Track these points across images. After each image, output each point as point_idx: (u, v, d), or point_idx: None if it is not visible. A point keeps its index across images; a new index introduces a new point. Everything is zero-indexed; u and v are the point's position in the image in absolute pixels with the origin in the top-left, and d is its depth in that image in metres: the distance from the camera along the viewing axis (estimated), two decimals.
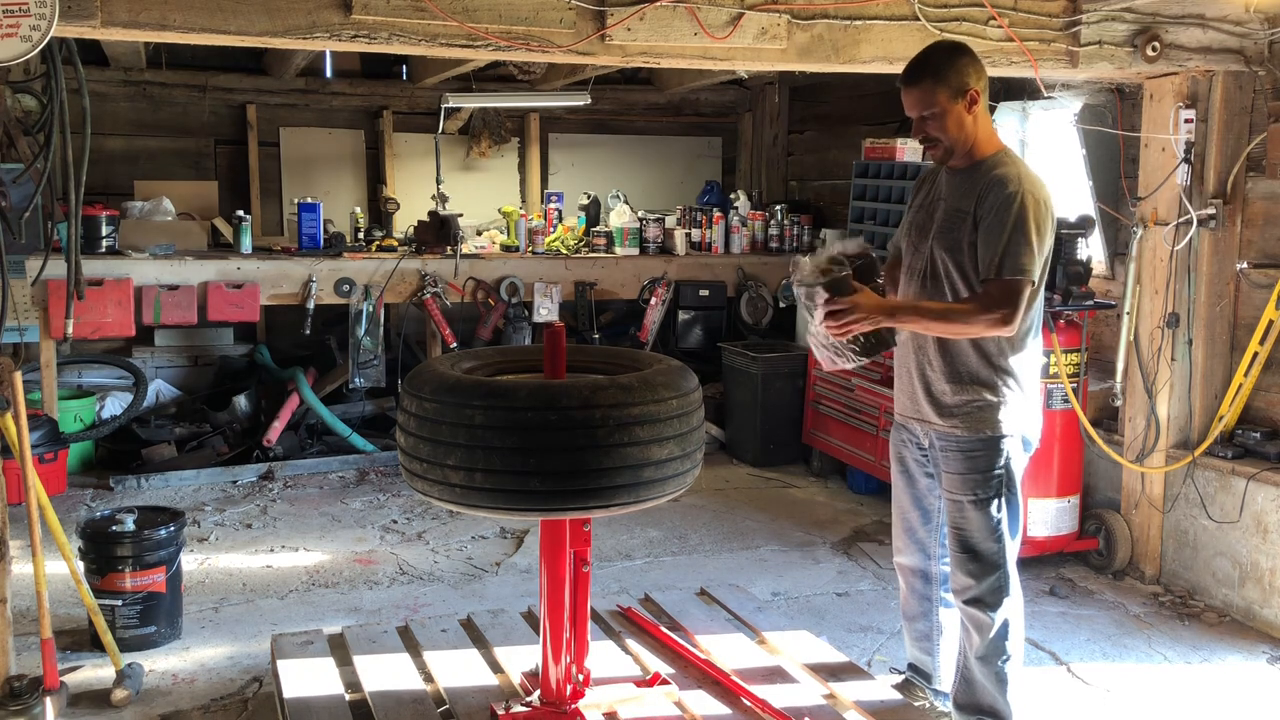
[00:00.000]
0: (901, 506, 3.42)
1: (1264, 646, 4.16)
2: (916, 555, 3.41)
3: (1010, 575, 3.16)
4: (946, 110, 3.02)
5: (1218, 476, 4.50)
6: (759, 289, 7.17)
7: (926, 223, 3.18)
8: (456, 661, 3.42)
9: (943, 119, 3.03)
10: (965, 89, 3.02)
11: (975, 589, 3.15)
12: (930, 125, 3.06)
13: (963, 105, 3.02)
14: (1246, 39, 4.38)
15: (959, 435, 3.12)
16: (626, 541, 5.22)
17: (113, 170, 6.87)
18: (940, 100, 3.01)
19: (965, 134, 3.06)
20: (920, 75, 3.05)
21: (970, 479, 3.12)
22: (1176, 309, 4.60)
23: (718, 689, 3.25)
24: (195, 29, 3.37)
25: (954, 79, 3.01)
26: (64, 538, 3.64)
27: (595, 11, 3.72)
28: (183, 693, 3.67)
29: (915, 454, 3.33)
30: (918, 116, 3.07)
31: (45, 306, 5.60)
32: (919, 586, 3.43)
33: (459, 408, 2.61)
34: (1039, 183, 3.04)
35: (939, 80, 3.01)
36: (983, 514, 3.11)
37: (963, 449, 3.13)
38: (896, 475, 3.42)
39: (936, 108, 3.02)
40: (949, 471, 3.17)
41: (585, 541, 2.93)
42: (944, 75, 3.02)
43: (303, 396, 6.36)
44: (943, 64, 3.04)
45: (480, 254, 6.73)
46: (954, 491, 3.16)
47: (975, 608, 3.16)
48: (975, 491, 3.11)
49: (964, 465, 3.13)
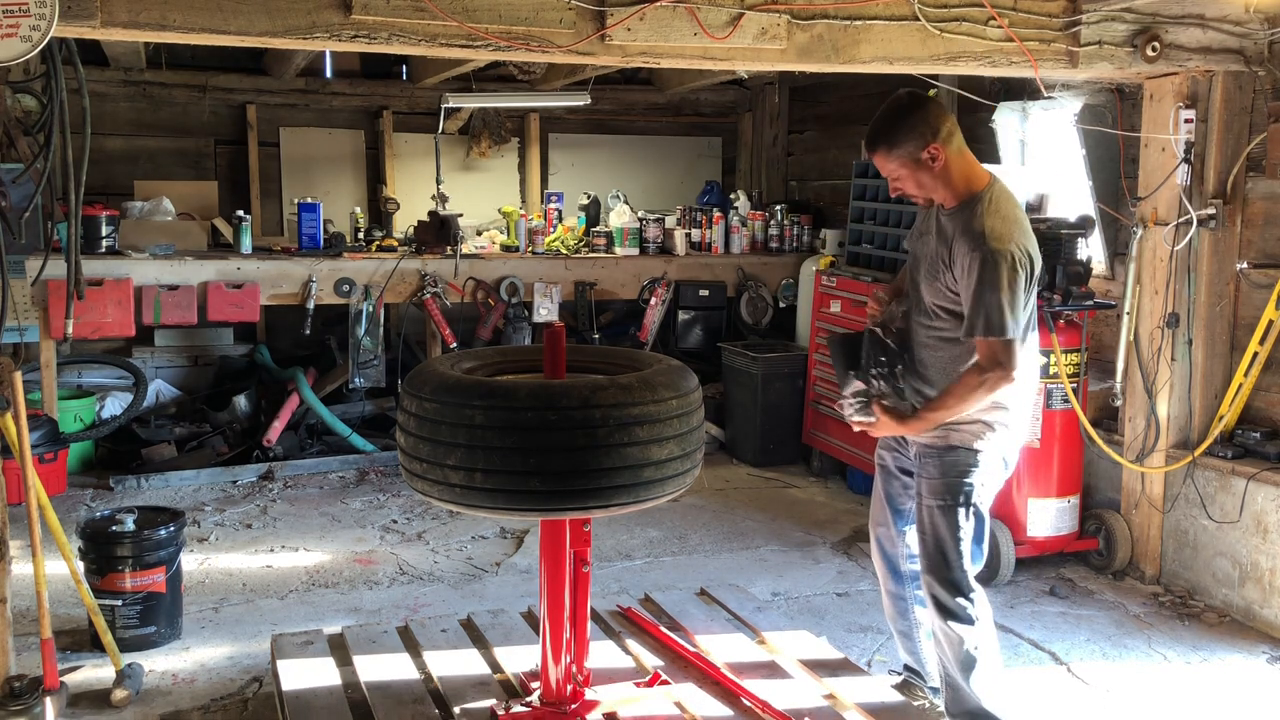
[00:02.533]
0: (877, 500, 3.49)
1: (1264, 646, 4.16)
2: (889, 552, 3.45)
3: (974, 590, 3.19)
4: (909, 173, 3.06)
5: (1218, 476, 4.50)
6: (759, 289, 7.17)
7: (918, 257, 3.23)
8: (456, 661, 3.42)
9: (908, 181, 3.09)
10: (922, 148, 3.01)
11: (941, 598, 3.18)
12: (899, 185, 3.12)
13: (925, 164, 3.03)
14: (1246, 39, 4.38)
15: (939, 446, 3.16)
16: (626, 541, 5.22)
17: (113, 170, 6.88)
18: (900, 165, 3.05)
19: (937, 185, 3.08)
20: (875, 144, 3.09)
21: (941, 483, 3.16)
22: (1176, 309, 4.60)
23: (718, 689, 3.25)
24: (195, 29, 3.37)
25: (908, 143, 3.02)
26: (64, 538, 3.64)
27: (595, 11, 3.71)
28: (183, 693, 3.67)
29: (894, 453, 3.39)
30: (889, 178, 3.13)
31: (45, 306, 5.60)
32: (892, 587, 3.48)
33: (459, 408, 2.61)
34: (1010, 227, 2.98)
35: (892, 148, 3.04)
36: (948, 520, 3.15)
37: (941, 457, 3.17)
38: (878, 470, 3.49)
39: (900, 172, 3.07)
40: (924, 476, 3.22)
41: (585, 541, 2.93)
42: (897, 142, 3.03)
43: (303, 396, 6.36)
44: (895, 130, 3.03)
45: (480, 254, 6.73)
46: (925, 495, 3.21)
47: (942, 618, 3.19)
48: (944, 497, 3.15)
49: (937, 471, 3.17)
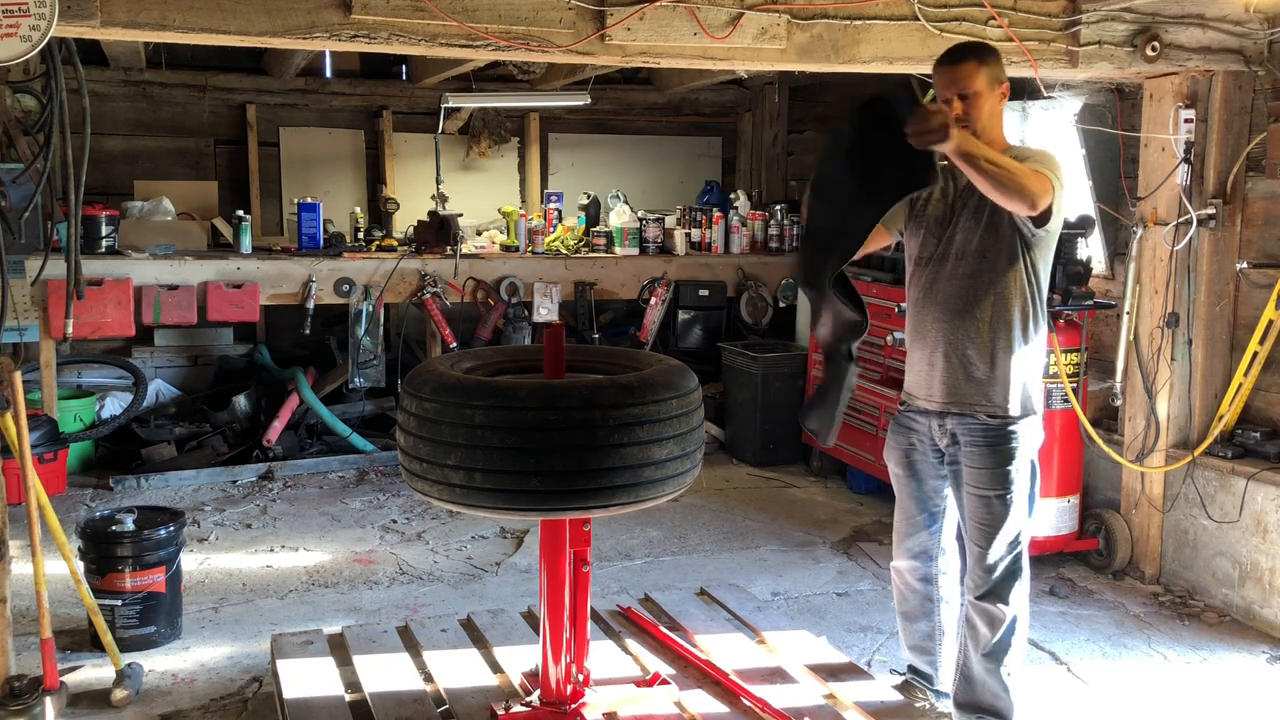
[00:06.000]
0: (906, 510, 3.42)
1: (1263, 646, 4.16)
2: (920, 558, 3.40)
3: (1024, 569, 3.19)
4: (983, 94, 3.09)
5: (1217, 476, 4.50)
6: (759, 289, 7.17)
7: (949, 213, 3.20)
8: (456, 661, 3.42)
9: (978, 101, 3.08)
10: (1001, 79, 3.12)
11: (992, 582, 3.17)
12: (967, 105, 3.09)
13: (997, 94, 3.12)
14: (1246, 39, 4.38)
15: (990, 422, 3.14)
16: (626, 541, 5.22)
17: (112, 170, 6.87)
18: (980, 83, 3.08)
19: (994, 123, 3.14)
20: (966, 56, 3.11)
21: (998, 474, 3.14)
22: (1176, 309, 4.60)
23: (717, 689, 3.25)
24: (195, 29, 3.37)
25: (995, 67, 3.11)
26: (64, 538, 3.64)
27: (595, 11, 3.72)
28: (182, 693, 3.67)
29: (929, 455, 3.32)
30: (954, 95, 3.09)
31: (45, 306, 5.60)
32: (921, 589, 3.42)
33: (459, 408, 2.61)
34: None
35: (983, 63, 3.09)
36: (1007, 508, 3.14)
37: (991, 442, 3.14)
38: (902, 478, 3.41)
39: (975, 89, 3.08)
40: (974, 466, 3.17)
41: (585, 541, 2.93)
42: (987, 60, 3.10)
43: (302, 396, 6.36)
44: (986, 51, 3.14)
45: (480, 254, 6.73)
46: (980, 486, 3.17)
47: (989, 601, 3.17)
48: (1002, 485, 3.14)
49: (990, 459, 3.14)
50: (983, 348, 3.14)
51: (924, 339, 3.26)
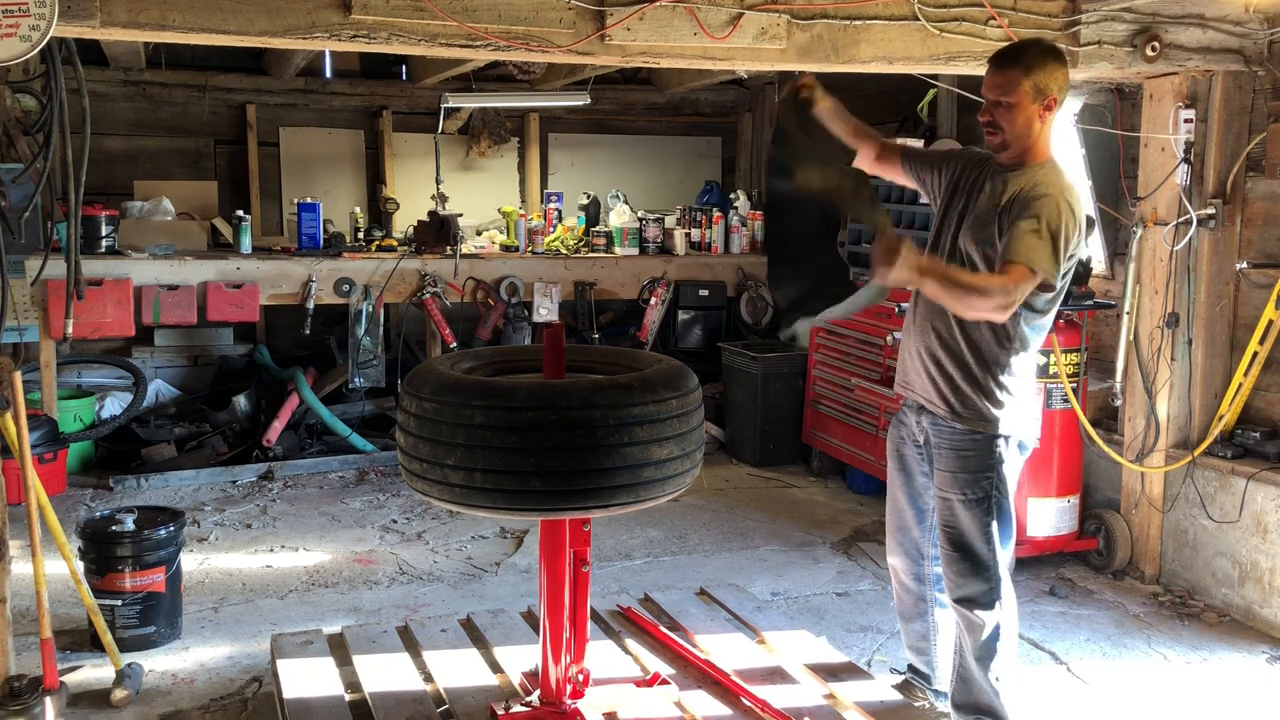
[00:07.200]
0: (897, 505, 3.43)
1: (1263, 646, 4.16)
2: (910, 555, 3.41)
3: (1002, 578, 3.15)
4: (1022, 105, 3.00)
5: (1217, 476, 4.50)
6: (759, 289, 7.17)
7: (961, 209, 3.15)
8: (456, 661, 3.42)
9: (1014, 111, 3.01)
10: (1047, 93, 3.00)
11: (965, 588, 3.15)
12: (1000, 113, 3.03)
13: (1038, 107, 3.01)
14: (1246, 39, 4.38)
15: (956, 427, 3.11)
16: (626, 541, 5.22)
17: (112, 170, 6.87)
18: (1021, 93, 2.99)
19: (1029, 135, 3.03)
20: (1013, 62, 3.03)
21: (960, 477, 3.12)
22: (1176, 309, 4.60)
23: (717, 689, 3.25)
24: (195, 29, 3.37)
25: (1042, 79, 2.99)
26: (64, 538, 3.64)
27: (595, 11, 3.72)
28: (182, 693, 3.67)
29: (913, 450, 3.33)
30: (993, 100, 3.05)
31: (45, 306, 5.60)
32: (913, 587, 3.43)
33: (459, 408, 2.61)
34: (1076, 196, 3.01)
35: (1028, 73, 2.99)
36: (971, 514, 3.11)
37: (956, 446, 3.13)
38: (893, 472, 3.42)
39: (1014, 98, 3.00)
40: (940, 469, 3.18)
41: (585, 541, 2.93)
42: (1034, 71, 2.99)
43: (302, 396, 6.36)
44: (1036, 61, 3.01)
45: (480, 254, 6.73)
46: (944, 489, 3.17)
47: (966, 607, 3.16)
48: (965, 491, 3.11)
49: (955, 463, 3.13)
50: (957, 352, 3.10)
51: (911, 330, 3.26)
